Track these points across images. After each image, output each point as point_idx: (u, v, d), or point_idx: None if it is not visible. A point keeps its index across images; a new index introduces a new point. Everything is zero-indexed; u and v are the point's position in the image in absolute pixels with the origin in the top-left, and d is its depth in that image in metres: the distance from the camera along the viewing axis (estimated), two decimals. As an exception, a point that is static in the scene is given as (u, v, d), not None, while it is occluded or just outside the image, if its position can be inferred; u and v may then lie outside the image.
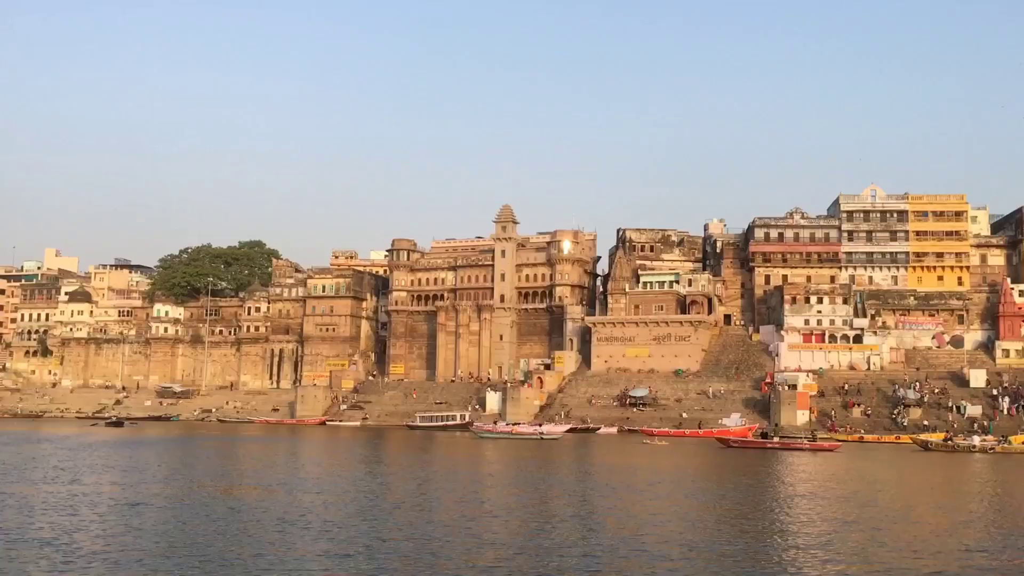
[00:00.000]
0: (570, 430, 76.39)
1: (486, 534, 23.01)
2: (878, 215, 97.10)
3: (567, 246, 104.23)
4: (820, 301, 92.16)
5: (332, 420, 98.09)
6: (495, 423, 80.00)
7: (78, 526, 23.27)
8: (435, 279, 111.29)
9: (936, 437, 66.76)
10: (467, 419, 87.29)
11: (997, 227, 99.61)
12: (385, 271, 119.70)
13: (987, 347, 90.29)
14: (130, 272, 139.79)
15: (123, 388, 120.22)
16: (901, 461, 52.78)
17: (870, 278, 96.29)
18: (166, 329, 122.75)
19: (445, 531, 23.40)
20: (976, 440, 61.45)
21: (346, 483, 35.31)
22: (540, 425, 78.11)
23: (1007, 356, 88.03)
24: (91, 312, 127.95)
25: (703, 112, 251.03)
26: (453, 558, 19.80)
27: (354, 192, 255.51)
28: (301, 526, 23.95)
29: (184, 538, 21.69)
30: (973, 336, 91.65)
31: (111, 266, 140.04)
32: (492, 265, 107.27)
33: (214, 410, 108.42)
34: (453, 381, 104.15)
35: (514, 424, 79.44)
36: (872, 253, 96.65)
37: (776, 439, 62.21)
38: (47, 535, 21.67)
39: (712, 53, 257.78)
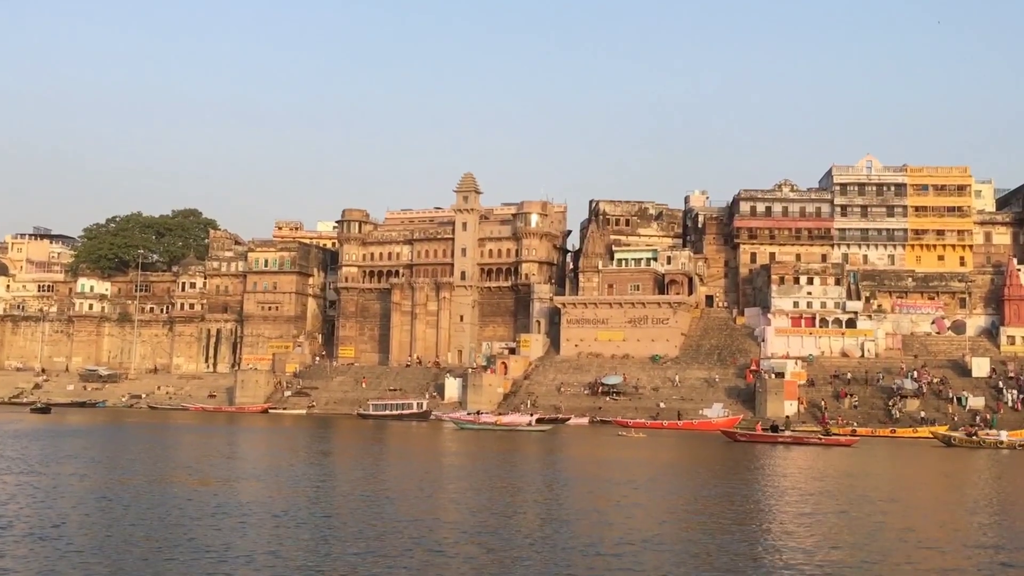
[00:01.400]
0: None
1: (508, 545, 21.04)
2: (874, 188, 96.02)
3: (535, 219, 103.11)
4: (810, 282, 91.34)
5: (275, 407, 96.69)
6: (479, 414, 77.54)
7: (64, 518, 23.28)
8: (389, 253, 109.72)
9: (940, 430, 65.62)
10: (424, 407, 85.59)
11: (1003, 203, 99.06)
12: (334, 244, 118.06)
13: (991, 333, 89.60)
14: (51, 243, 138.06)
15: (43, 371, 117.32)
16: (923, 457, 51.73)
17: (865, 257, 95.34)
18: (91, 306, 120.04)
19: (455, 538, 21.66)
20: (1004, 436, 60.22)
21: (313, 484, 32.26)
22: (532, 415, 76.19)
23: (1012, 343, 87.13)
24: (7, 286, 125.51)
25: (684, 73, 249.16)
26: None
27: (300, 157, 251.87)
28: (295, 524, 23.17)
29: (176, 531, 21.66)
30: (976, 321, 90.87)
31: (30, 236, 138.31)
32: (452, 239, 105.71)
33: (144, 395, 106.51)
34: (408, 366, 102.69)
35: (499, 414, 77.42)
36: (867, 230, 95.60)
37: (787, 432, 61.28)
38: (35, 528, 21.81)
39: (695, 8, 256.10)
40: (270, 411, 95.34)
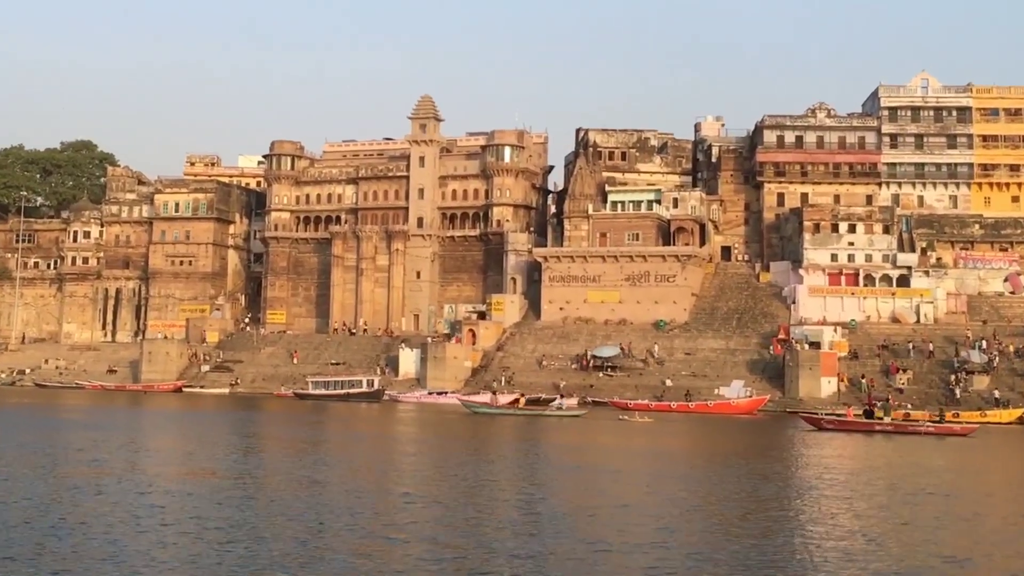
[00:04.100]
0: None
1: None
2: (931, 114, 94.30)
3: (508, 152, 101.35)
4: (852, 229, 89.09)
5: (190, 385, 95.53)
6: (494, 394, 75.78)
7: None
8: (329, 195, 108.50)
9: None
10: (376, 385, 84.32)
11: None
12: (260, 184, 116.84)
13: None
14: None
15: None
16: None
17: (920, 199, 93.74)
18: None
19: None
20: None
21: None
22: (559, 397, 74.03)
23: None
24: None
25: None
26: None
27: (218, 76, 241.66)
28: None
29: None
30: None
31: None
32: (406, 177, 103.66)
33: (28, 371, 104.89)
34: (353, 333, 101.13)
35: (520, 394, 75.19)
36: (923, 165, 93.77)
37: (887, 420, 58.44)
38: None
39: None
40: (184, 390, 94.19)
